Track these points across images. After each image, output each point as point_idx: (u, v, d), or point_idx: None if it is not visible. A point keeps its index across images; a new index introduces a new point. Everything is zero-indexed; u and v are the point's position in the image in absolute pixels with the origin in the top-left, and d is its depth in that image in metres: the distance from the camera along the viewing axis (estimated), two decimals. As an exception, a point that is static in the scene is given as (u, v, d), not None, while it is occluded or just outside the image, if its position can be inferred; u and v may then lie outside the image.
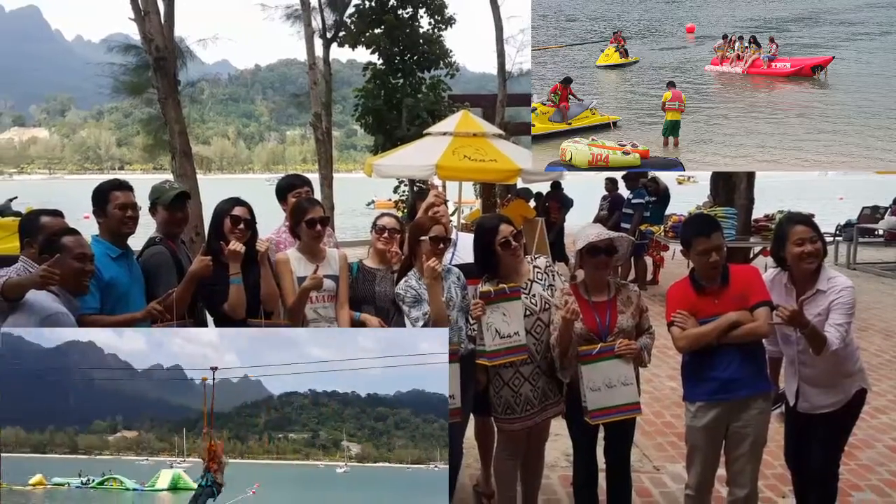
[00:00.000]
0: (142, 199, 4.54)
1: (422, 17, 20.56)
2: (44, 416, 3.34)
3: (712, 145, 6.75)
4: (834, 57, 6.82)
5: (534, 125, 7.44)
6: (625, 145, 6.80)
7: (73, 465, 3.30)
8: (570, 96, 7.13)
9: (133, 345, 3.53)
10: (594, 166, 6.90)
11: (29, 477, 3.25)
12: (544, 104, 7.20)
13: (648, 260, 13.41)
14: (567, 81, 7.16)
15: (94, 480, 3.29)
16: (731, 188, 12.37)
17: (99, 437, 3.37)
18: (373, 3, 20.09)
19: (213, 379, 3.31)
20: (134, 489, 3.36)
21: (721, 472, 4.18)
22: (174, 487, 3.40)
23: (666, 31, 7.26)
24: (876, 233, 19.20)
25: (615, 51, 7.30)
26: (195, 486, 3.36)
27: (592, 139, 6.96)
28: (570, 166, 7.02)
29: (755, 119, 6.79)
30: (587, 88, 7.23)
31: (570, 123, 7.13)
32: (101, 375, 3.41)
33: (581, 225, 4.49)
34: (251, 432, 3.51)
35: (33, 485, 3.23)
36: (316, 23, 20.00)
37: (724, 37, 7.11)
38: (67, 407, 3.39)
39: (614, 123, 7.04)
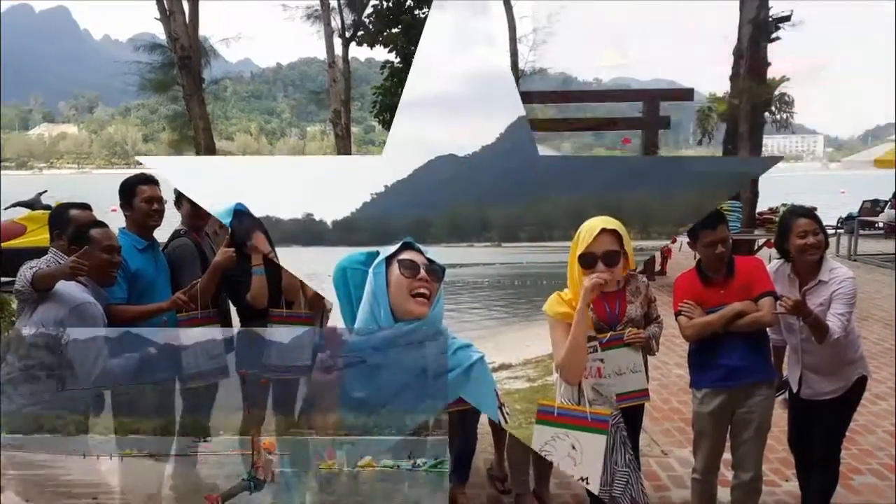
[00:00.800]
0: (167, 192, 4.62)
1: (438, 16, 20.66)
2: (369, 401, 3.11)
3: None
4: None
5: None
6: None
7: (401, 447, 3.07)
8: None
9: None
10: None
11: (358, 459, 3.06)
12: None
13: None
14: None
15: (426, 463, 3.05)
16: (736, 182, 12.42)
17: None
18: (390, 4, 20.19)
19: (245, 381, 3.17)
20: None
21: (727, 456, 4.25)
22: None
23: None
24: (876, 225, 19.38)
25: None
26: None
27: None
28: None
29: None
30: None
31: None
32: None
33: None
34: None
35: (362, 466, 3.05)
36: (335, 22, 20.19)
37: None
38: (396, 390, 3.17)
39: None
